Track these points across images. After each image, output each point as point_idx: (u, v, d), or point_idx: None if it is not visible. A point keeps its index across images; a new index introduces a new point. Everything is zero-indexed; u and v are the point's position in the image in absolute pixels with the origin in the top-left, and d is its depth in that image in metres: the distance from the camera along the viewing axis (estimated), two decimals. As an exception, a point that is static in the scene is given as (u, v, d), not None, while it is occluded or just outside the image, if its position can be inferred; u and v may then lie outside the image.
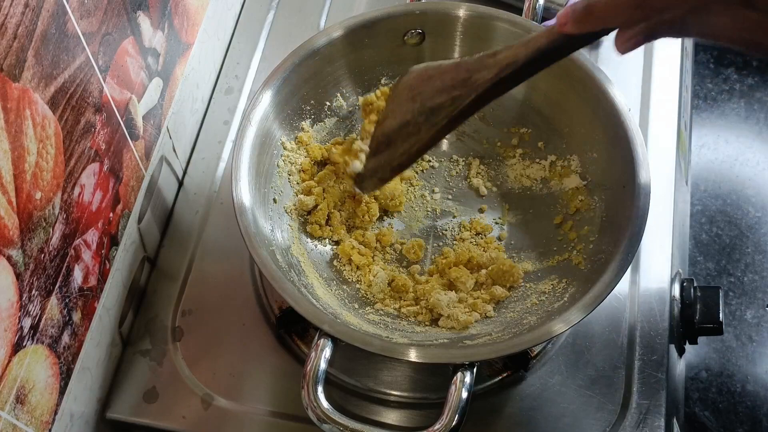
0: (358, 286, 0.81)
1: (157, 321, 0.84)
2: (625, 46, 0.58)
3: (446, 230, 0.85)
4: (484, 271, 0.81)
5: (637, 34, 0.57)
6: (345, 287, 0.81)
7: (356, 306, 0.79)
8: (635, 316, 0.83)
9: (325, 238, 0.83)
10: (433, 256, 0.84)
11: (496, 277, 0.80)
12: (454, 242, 0.84)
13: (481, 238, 0.84)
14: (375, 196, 0.84)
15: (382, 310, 0.79)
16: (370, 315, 0.78)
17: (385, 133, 0.75)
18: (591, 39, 0.60)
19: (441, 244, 0.85)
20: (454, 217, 0.86)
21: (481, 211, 0.87)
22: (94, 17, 0.68)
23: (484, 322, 0.78)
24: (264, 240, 0.74)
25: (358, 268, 0.81)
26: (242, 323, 0.83)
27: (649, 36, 0.57)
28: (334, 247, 0.83)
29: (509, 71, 0.64)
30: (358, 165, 0.77)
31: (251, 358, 0.82)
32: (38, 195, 0.63)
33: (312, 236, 0.82)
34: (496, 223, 0.86)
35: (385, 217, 0.86)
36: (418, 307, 0.79)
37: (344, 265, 0.82)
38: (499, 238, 0.85)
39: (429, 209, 0.87)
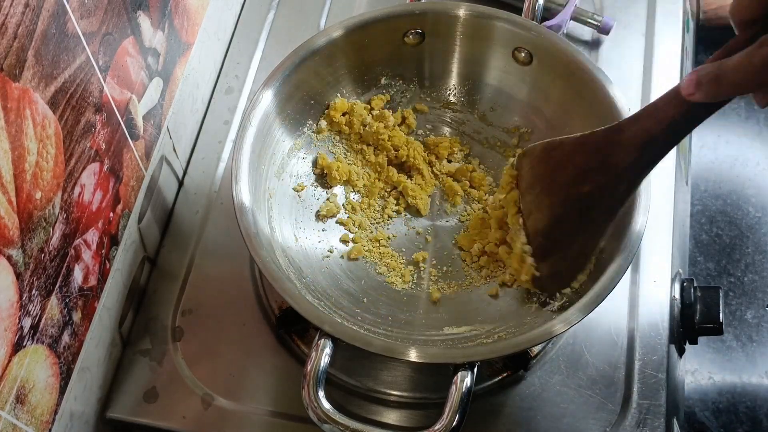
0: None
1: (157, 321, 0.84)
2: (764, 102, 0.56)
3: (446, 228, 0.85)
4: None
5: None
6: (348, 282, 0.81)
7: (357, 310, 0.79)
8: (635, 317, 0.83)
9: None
10: (433, 260, 0.84)
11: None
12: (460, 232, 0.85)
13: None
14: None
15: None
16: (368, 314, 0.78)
17: (541, 233, 0.72)
18: (722, 105, 0.57)
19: (441, 244, 0.85)
20: (447, 213, 0.86)
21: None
22: (94, 17, 0.68)
23: (485, 322, 0.77)
24: (264, 240, 0.74)
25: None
26: (242, 323, 0.83)
27: None
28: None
29: (652, 153, 0.61)
30: (529, 265, 0.74)
31: (251, 358, 0.82)
32: (38, 195, 0.63)
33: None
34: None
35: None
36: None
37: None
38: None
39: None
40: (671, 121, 0.59)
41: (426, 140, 0.89)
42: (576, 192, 0.67)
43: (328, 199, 0.85)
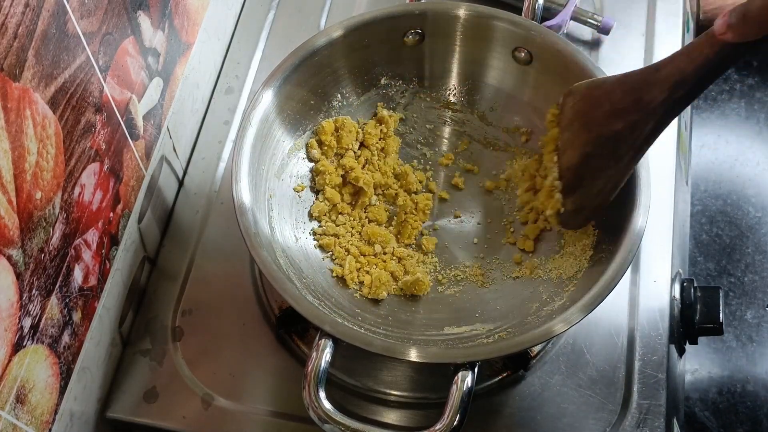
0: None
1: (157, 321, 0.84)
2: None
3: (447, 228, 0.86)
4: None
5: None
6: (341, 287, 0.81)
7: (357, 311, 0.79)
8: (635, 317, 0.83)
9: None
10: (434, 258, 0.84)
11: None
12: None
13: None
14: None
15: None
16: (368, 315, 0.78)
17: (571, 169, 0.74)
18: (752, 48, 0.59)
19: (443, 244, 0.85)
20: (456, 217, 0.86)
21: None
22: (94, 17, 0.68)
23: (485, 322, 0.78)
24: (264, 240, 0.74)
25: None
26: (242, 323, 0.83)
27: None
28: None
29: (682, 92, 0.63)
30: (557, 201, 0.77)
31: (251, 358, 0.82)
32: (38, 195, 0.63)
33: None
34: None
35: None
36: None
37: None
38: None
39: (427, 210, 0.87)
40: (704, 60, 0.61)
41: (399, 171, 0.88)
42: (608, 130, 0.69)
43: (317, 198, 0.85)
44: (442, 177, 0.88)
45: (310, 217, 0.84)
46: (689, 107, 1.05)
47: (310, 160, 0.85)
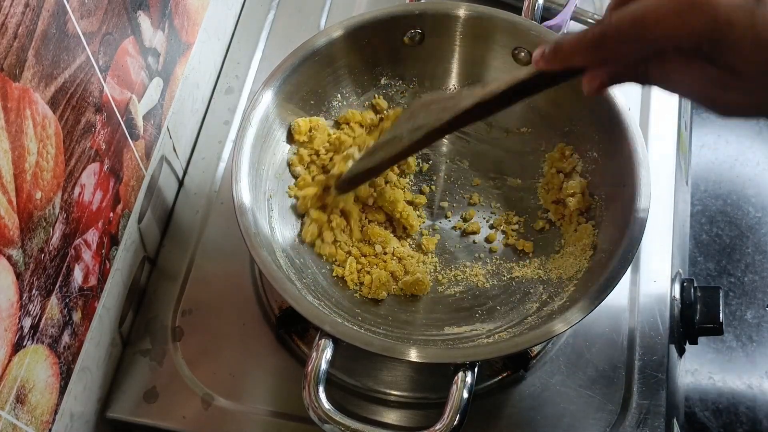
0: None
1: (157, 321, 0.84)
2: (589, 87, 0.60)
3: (446, 227, 0.86)
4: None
5: (600, 76, 0.59)
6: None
7: (357, 311, 0.79)
8: (635, 317, 0.83)
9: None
10: (435, 259, 0.84)
11: None
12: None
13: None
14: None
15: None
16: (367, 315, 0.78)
17: (373, 145, 0.80)
18: (562, 77, 0.62)
19: (442, 244, 0.85)
20: (446, 217, 0.86)
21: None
22: (94, 17, 0.68)
23: (485, 322, 0.78)
24: (264, 240, 0.74)
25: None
26: (242, 323, 0.83)
27: (612, 80, 0.59)
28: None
29: (488, 98, 0.67)
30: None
31: (251, 358, 0.82)
32: (38, 195, 0.63)
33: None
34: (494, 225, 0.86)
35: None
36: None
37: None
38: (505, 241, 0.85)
39: (426, 210, 0.87)
40: (516, 80, 0.65)
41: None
42: (419, 122, 0.74)
43: (302, 221, 0.82)
44: (443, 177, 0.88)
45: (302, 241, 0.82)
46: (689, 107, 1.04)
47: (294, 176, 0.84)
